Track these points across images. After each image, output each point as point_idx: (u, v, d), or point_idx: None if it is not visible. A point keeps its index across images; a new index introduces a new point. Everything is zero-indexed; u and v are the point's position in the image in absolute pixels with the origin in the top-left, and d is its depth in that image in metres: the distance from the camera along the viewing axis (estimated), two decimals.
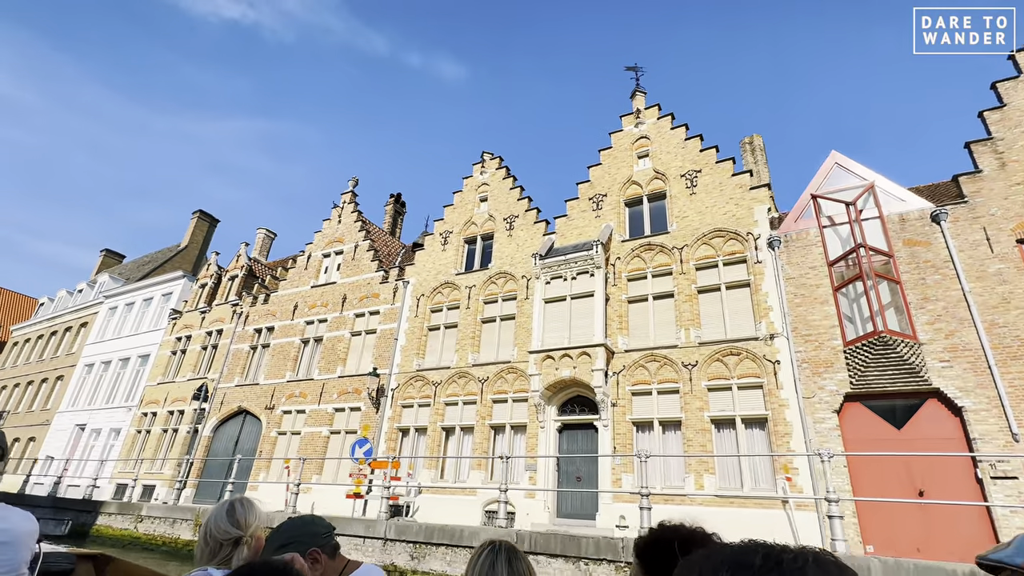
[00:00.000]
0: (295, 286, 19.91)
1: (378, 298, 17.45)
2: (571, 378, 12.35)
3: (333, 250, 19.73)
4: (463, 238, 16.86)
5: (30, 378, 28.61)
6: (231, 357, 19.83)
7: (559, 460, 12.38)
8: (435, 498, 13.25)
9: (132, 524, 11.81)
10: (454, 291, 16.03)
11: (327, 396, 16.66)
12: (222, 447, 18.31)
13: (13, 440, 26.56)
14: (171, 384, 21.05)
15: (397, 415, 15.14)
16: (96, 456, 21.53)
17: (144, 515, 12.02)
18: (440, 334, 15.75)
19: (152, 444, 20.04)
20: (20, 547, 1.68)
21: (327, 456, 15.68)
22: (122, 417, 21.88)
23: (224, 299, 21.92)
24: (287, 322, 19.16)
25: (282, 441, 17.01)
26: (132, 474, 19.79)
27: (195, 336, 21.68)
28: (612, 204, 14.46)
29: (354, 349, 17.19)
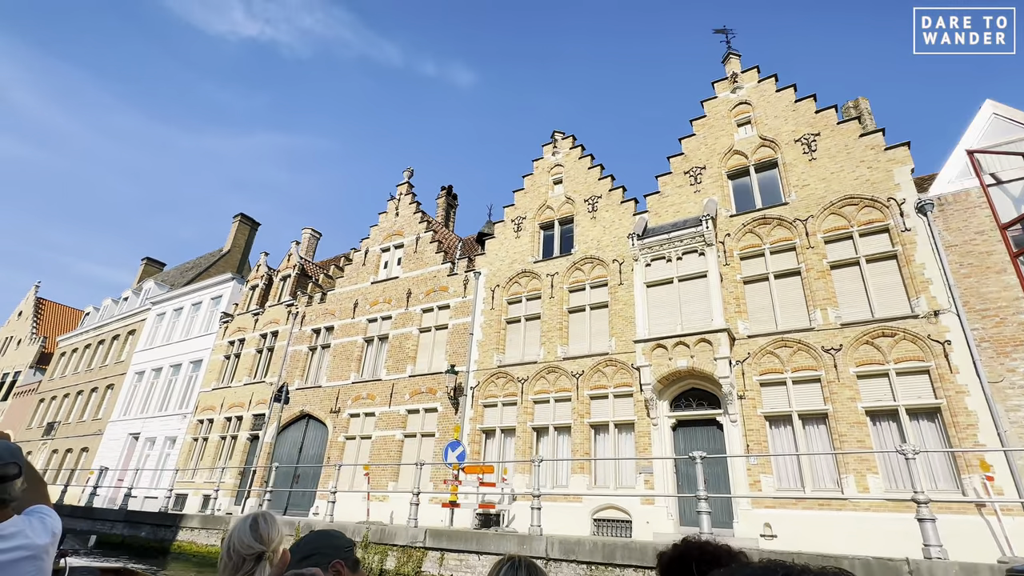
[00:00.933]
0: (353, 283, 18.94)
1: (447, 291, 16.33)
2: (688, 369, 11.00)
3: (392, 244, 18.71)
4: (538, 224, 15.64)
5: (79, 388, 28.30)
6: (289, 359, 18.93)
7: (677, 462, 11.02)
8: (544, 507, 11.98)
9: (219, 539, 10.81)
10: (533, 280, 14.81)
11: (398, 397, 15.57)
12: (285, 453, 17.37)
13: (66, 451, 26.20)
14: (227, 389, 20.26)
15: (479, 415, 13.95)
16: (152, 465, 20.86)
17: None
18: (521, 327, 14.53)
19: (210, 452, 19.24)
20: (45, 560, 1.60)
21: (403, 462, 14.58)
22: (177, 425, 21.18)
23: (277, 300, 21.10)
24: (347, 321, 18.17)
25: (351, 446, 15.97)
26: (191, 484, 19.02)
27: (249, 339, 20.88)
28: (713, 177, 13.08)
29: (424, 346, 16.09)
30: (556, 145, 16.34)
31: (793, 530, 9.14)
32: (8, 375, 35.65)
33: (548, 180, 16.06)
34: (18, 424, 31.42)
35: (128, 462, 22.47)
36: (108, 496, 21.49)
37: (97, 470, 20.73)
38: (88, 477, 21.16)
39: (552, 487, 12.14)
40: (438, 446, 14.15)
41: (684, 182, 13.42)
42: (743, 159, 12.90)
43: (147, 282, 29.50)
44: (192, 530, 11.26)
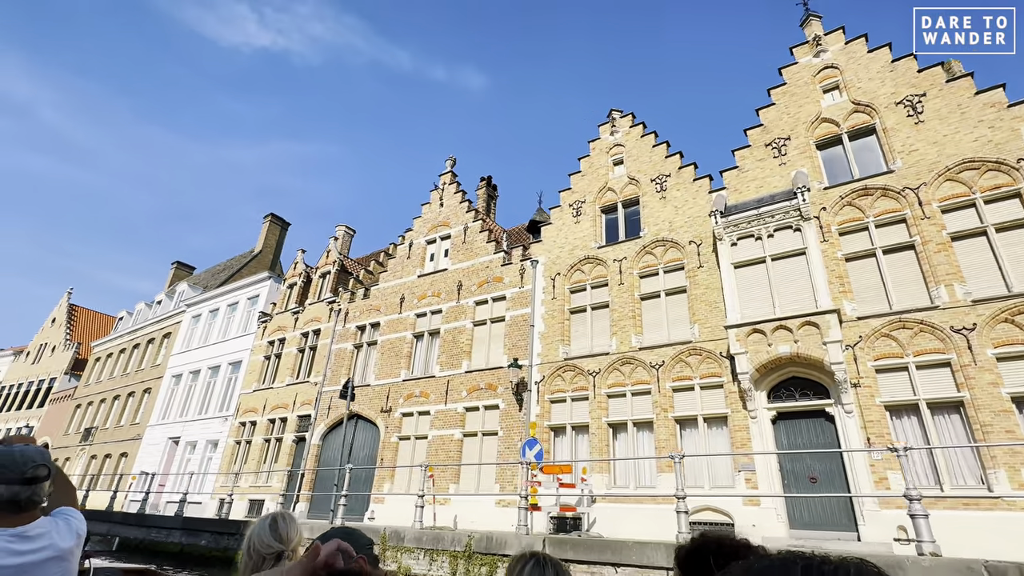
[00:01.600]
0: (398, 277, 18.17)
1: (501, 282, 15.45)
2: (790, 355, 9.96)
3: (438, 235, 17.91)
4: (599, 207, 14.69)
5: (116, 392, 28.03)
6: (333, 358, 18.23)
7: (780, 458, 9.97)
8: (614, 508, 11.05)
9: None
10: (598, 267, 13.86)
11: (454, 394, 14.72)
12: (334, 456, 16.63)
13: (105, 456, 25.90)
14: (269, 391, 19.64)
15: (546, 412, 13.03)
16: (194, 470, 20.31)
17: None
18: (587, 316, 13.59)
19: (255, 455, 18.62)
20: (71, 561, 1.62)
21: (463, 462, 13.72)
22: (218, 428, 20.63)
23: (317, 297, 20.44)
24: (394, 316, 17.41)
25: (405, 447, 15.16)
26: (236, 488, 18.40)
27: (289, 338, 20.25)
28: (799, 148, 12.02)
29: (479, 340, 15.22)
30: (614, 124, 15.38)
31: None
32: (44, 381, 35.71)
33: (607, 161, 15.11)
34: (55, 430, 31.34)
35: (169, 466, 22.00)
36: (151, 502, 21.05)
37: (139, 475, 20.24)
38: (131, 482, 20.71)
39: (635, 487, 11.17)
40: (502, 445, 13.27)
41: (766, 155, 12.37)
42: (833, 127, 11.81)
43: (180, 285, 29.17)
44: None
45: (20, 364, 38.87)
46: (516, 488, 12.54)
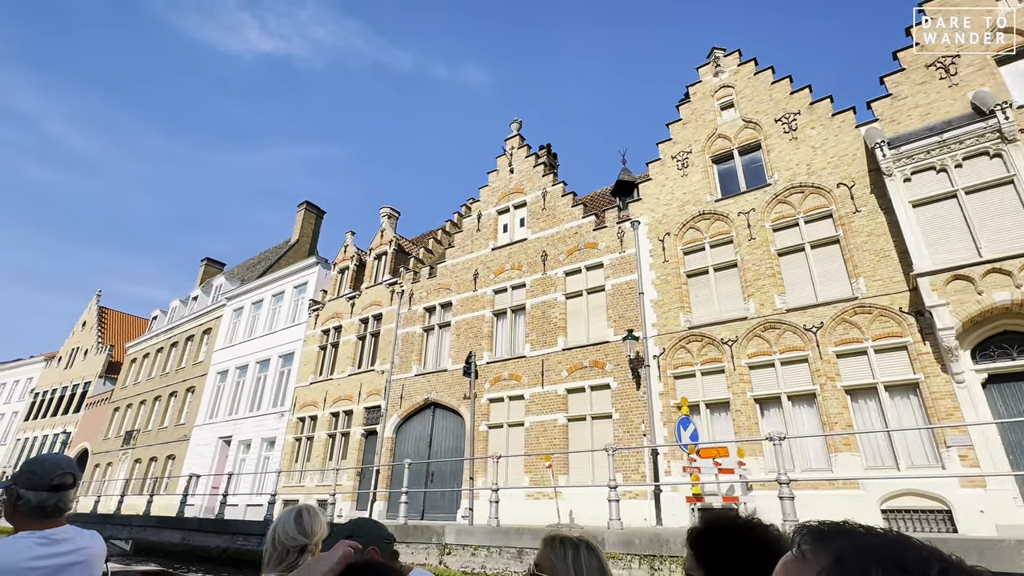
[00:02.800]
0: (468, 252, 16.54)
1: (596, 248, 13.75)
2: (1010, 303, 8.16)
3: (511, 203, 16.23)
4: (710, 157, 12.90)
5: (156, 393, 26.83)
6: (401, 344, 16.67)
7: (1002, 430, 8.20)
8: (775, 495, 9.33)
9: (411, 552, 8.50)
10: (717, 223, 12.10)
11: (552, 375, 13.09)
12: (411, 449, 15.10)
13: (150, 459, 24.71)
14: (328, 382, 18.16)
15: (670, 389, 11.34)
16: (251, 470, 18.95)
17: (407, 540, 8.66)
18: (708, 279, 11.86)
19: (318, 452, 17.17)
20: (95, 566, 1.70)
21: (571, 450, 12.09)
22: (274, 425, 19.23)
23: (374, 280, 18.90)
24: (468, 294, 15.79)
25: (497, 436, 13.57)
26: (300, 488, 16.98)
27: (347, 326, 18.75)
28: (974, 65, 10.13)
29: (575, 314, 13.55)
30: (718, 64, 13.55)
31: None
32: (78, 386, 34.74)
33: (713, 106, 13.31)
34: (95, 435, 30.31)
35: (222, 467, 20.68)
36: (204, 505, 19.76)
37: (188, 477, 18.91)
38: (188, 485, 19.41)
39: (800, 470, 9.45)
40: (620, 429, 11.61)
41: (928, 77, 10.49)
42: (1019, 37, 9.91)
43: (216, 279, 27.84)
44: None
45: (53, 370, 38.01)
46: (643, 476, 10.93)
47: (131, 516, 15.76)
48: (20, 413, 38.04)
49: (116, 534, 14.45)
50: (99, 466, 28.36)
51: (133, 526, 15.41)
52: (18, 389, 40.18)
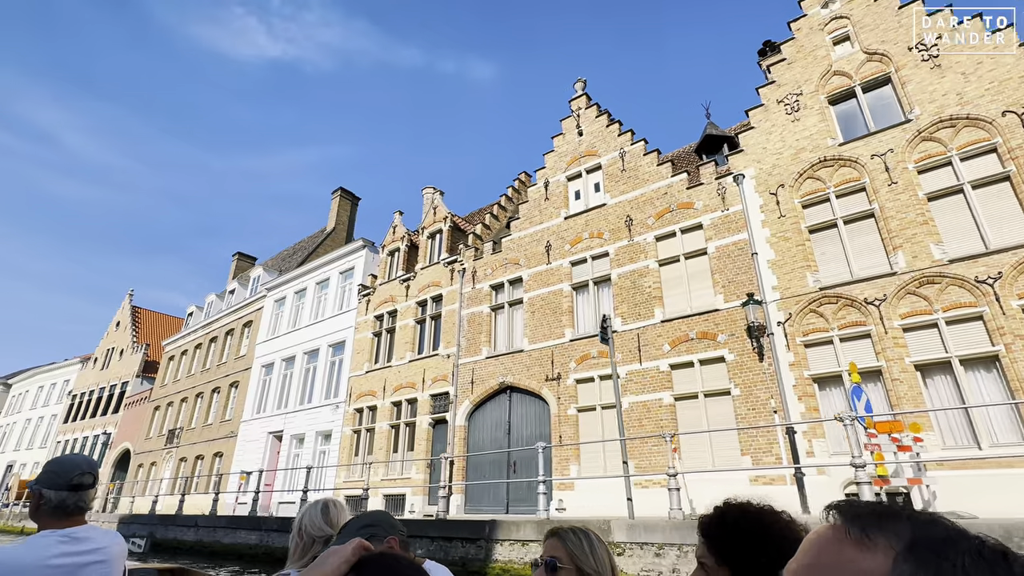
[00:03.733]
0: (536, 223, 15.22)
1: (691, 208, 12.33)
2: None
3: (583, 167, 14.84)
4: (825, 98, 11.37)
5: (198, 390, 26.06)
6: (467, 325, 15.44)
7: None
8: (956, 477, 7.91)
9: (523, 552, 7.23)
10: (843, 169, 10.60)
11: (651, 350, 11.74)
12: (487, 438, 13.89)
13: (196, 457, 23.94)
14: (386, 370, 17.04)
15: (801, 359, 9.92)
16: (306, 464, 17.95)
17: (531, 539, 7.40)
18: (835, 233, 10.39)
19: (381, 444, 16.06)
20: (115, 565, 1.73)
21: (681, 431, 10.73)
22: (329, 417, 18.19)
23: (428, 261, 17.69)
24: (541, 268, 14.48)
25: (588, 420, 12.28)
26: (363, 483, 15.89)
27: (402, 309, 17.58)
28: None
29: (672, 282, 12.17)
30: None
31: None
32: (116, 386, 34.29)
33: (824, 41, 11.75)
34: (135, 435, 29.76)
35: (274, 463, 19.76)
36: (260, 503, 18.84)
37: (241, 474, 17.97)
38: (240, 483, 18.49)
39: (989, 446, 7.99)
40: (744, 407, 10.23)
41: None
42: None
43: (253, 270, 26.96)
44: (507, 544, 7.54)
45: (89, 371, 37.70)
46: (778, 459, 9.54)
47: (196, 516, 14.81)
48: (59, 416, 37.85)
49: (180, 535, 13.52)
50: (142, 466, 27.78)
51: (199, 527, 14.46)
52: (55, 392, 40.05)
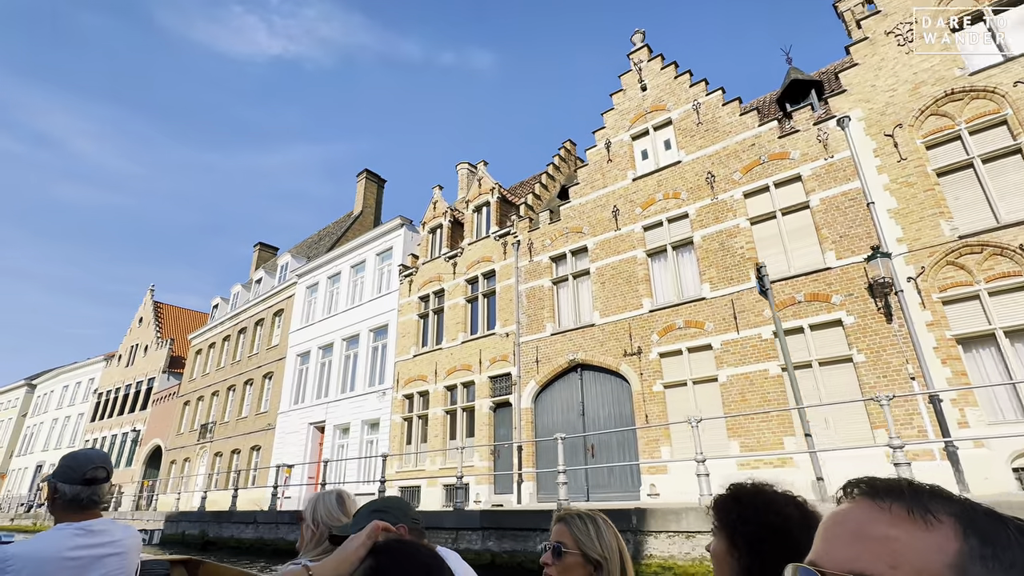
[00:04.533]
0: (598, 187, 14.00)
1: (786, 158, 11.06)
2: None
3: (650, 124, 13.57)
4: (945, 22, 10.00)
5: (229, 383, 25.26)
6: (525, 300, 14.33)
7: None
8: None
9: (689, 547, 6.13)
10: (977, 101, 9.27)
11: (749, 316, 10.56)
12: (558, 420, 12.83)
13: (232, 452, 23.18)
14: (436, 352, 16.00)
15: (940, 318, 8.70)
16: (354, 454, 17.04)
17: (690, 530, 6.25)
18: (968, 175, 9.11)
19: (436, 431, 15.06)
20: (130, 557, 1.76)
21: (789, 406, 9.58)
22: (374, 405, 17.23)
23: (476, 236, 16.56)
24: (609, 235, 13.30)
25: (677, 397, 11.15)
26: (420, 472, 14.94)
27: (450, 288, 16.49)
28: None
29: (768, 241, 10.95)
30: None
31: None
32: (142, 383, 33.69)
33: None
34: (165, 431, 29.13)
35: (316, 455, 18.89)
36: (301, 496, 18.00)
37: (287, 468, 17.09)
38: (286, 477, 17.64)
39: None
40: (871, 374, 9.05)
41: None
42: None
43: (281, 258, 26.01)
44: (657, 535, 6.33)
45: (114, 369, 37.16)
46: (921, 432, 8.37)
47: (255, 512, 13.92)
48: (86, 415, 37.42)
49: (238, 533, 12.64)
50: (175, 462, 27.14)
51: (259, 523, 13.57)
52: (80, 391, 39.62)
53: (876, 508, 0.47)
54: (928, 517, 0.44)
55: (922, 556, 0.42)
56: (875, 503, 0.47)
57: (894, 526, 0.45)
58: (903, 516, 0.45)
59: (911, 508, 0.45)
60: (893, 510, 0.46)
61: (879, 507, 0.47)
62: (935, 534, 0.43)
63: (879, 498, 0.47)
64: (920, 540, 0.43)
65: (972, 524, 0.43)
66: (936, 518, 0.44)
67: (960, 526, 0.44)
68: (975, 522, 0.44)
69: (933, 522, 0.44)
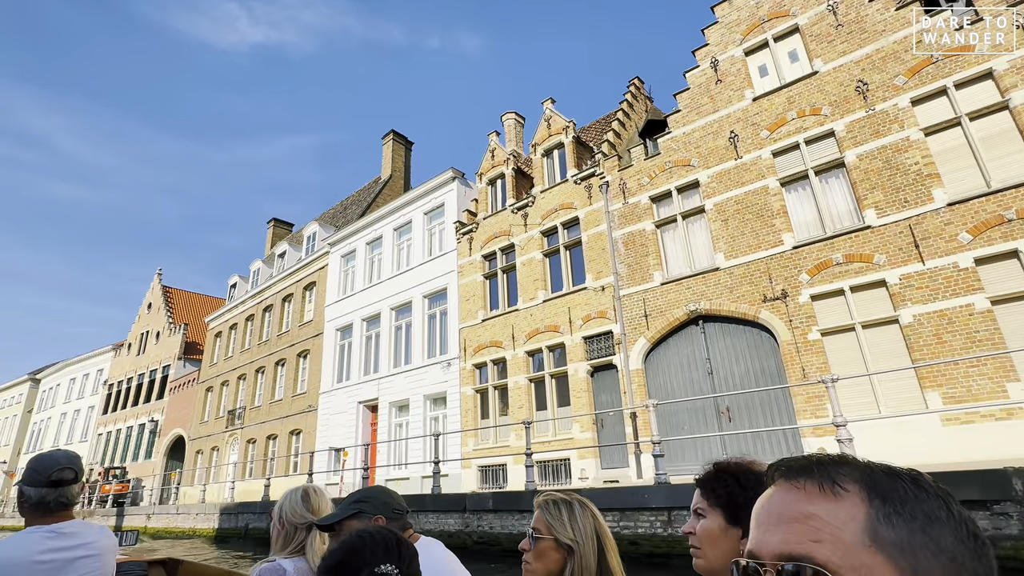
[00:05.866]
0: (706, 113, 12.04)
1: (968, 53, 9.13)
2: None
3: (769, 35, 11.58)
4: None
5: (257, 365, 23.37)
6: (622, 248, 12.46)
7: None
8: None
9: None
10: None
11: (938, 243, 8.74)
12: (678, 381, 11.08)
13: (268, 437, 21.40)
14: (511, 315, 14.15)
15: None
16: (417, 433, 15.28)
17: None
18: None
19: (521, 402, 13.29)
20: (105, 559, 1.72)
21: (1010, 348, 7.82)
22: (438, 377, 15.41)
23: (550, 181, 14.59)
24: (727, 165, 11.39)
25: (839, 344, 9.38)
26: (503, 448, 13.21)
27: (522, 243, 14.58)
28: None
29: (948, 154, 9.07)
30: None
31: None
32: (156, 371, 31.74)
33: None
34: (186, 420, 27.30)
35: (368, 436, 17.13)
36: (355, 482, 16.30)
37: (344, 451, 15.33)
38: (343, 460, 15.89)
39: None
40: None
41: None
42: None
43: (307, 228, 23.94)
44: None
45: (123, 359, 35.17)
46: None
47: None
48: (96, 407, 35.50)
49: None
50: (201, 452, 25.36)
51: None
52: (89, 383, 37.63)
53: (792, 488, 0.48)
54: (835, 488, 0.46)
55: (838, 526, 0.44)
56: (791, 484, 0.49)
57: (810, 503, 0.46)
58: (815, 492, 0.47)
59: (820, 483, 0.47)
60: (807, 488, 0.47)
61: (795, 487, 0.48)
62: (845, 503, 0.45)
63: (793, 478, 0.49)
64: (833, 511, 0.45)
65: (874, 486, 0.46)
66: (842, 487, 0.46)
67: (864, 491, 0.45)
68: (876, 483, 0.46)
69: (840, 492, 0.46)
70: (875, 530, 0.43)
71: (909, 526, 0.43)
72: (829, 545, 0.44)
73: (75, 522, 1.66)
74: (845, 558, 0.43)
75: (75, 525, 1.65)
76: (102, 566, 1.67)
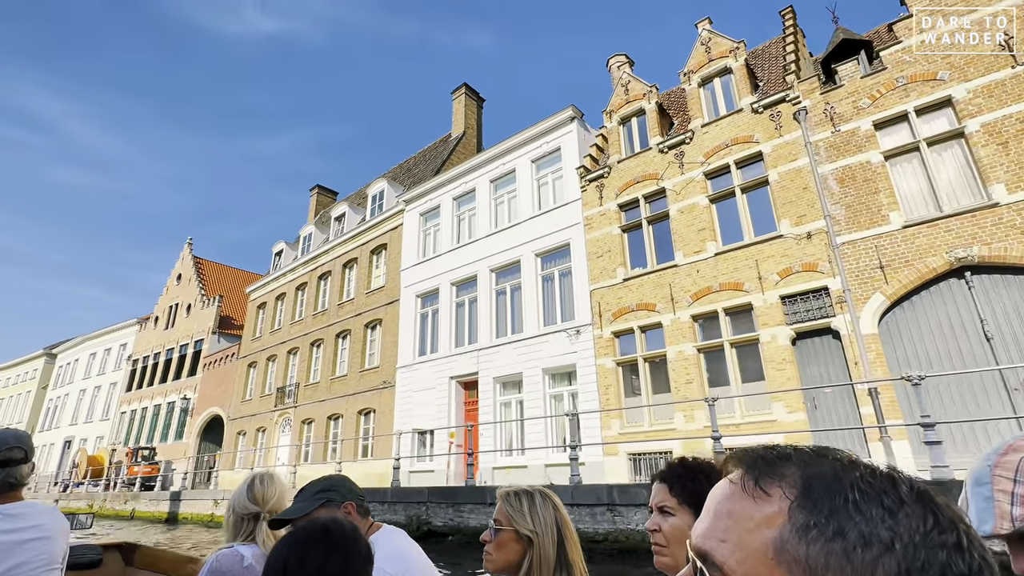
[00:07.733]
0: (961, 14, 9.50)
1: None
2: None
3: None
4: None
5: (313, 338, 20.92)
6: (835, 186, 9.93)
7: None
8: None
9: None
10: None
11: None
12: (932, 349, 8.59)
13: (329, 418, 18.95)
14: (667, 272, 11.66)
15: None
16: (534, 414, 12.80)
17: None
18: None
19: (688, 376, 10.78)
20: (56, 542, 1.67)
21: None
22: (563, 348, 12.93)
23: (714, 113, 12.07)
24: (999, 75, 8.85)
25: None
26: (666, 431, 10.71)
27: (676, 187, 12.07)
28: None
29: None
30: None
31: None
32: (186, 346, 29.37)
33: None
34: (224, 398, 24.90)
35: (463, 417, 14.67)
36: (453, 470, 13.87)
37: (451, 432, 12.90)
38: (451, 443, 13.43)
39: None
40: None
41: None
42: None
43: (373, 186, 21.47)
44: None
45: (150, 332, 32.82)
46: None
47: (424, 489, 9.82)
48: (119, 384, 33.15)
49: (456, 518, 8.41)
50: (244, 433, 22.93)
51: (428, 503, 9.44)
52: (111, 358, 35.29)
53: (728, 482, 0.45)
54: (756, 490, 0.42)
55: (749, 529, 0.40)
56: (729, 477, 0.46)
57: (733, 500, 0.43)
58: (740, 489, 0.43)
59: (747, 480, 0.43)
60: (740, 483, 0.43)
61: (731, 480, 0.45)
62: (765, 506, 0.41)
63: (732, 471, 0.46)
64: (749, 513, 0.41)
65: (806, 492, 0.40)
66: (764, 490, 0.41)
67: (791, 496, 0.40)
68: (809, 490, 0.40)
69: (761, 495, 0.41)
70: (783, 543, 0.38)
71: (828, 546, 0.36)
72: (731, 546, 0.40)
73: (26, 503, 1.63)
74: (742, 564, 0.39)
75: (25, 506, 1.61)
76: (52, 549, 1.63)
